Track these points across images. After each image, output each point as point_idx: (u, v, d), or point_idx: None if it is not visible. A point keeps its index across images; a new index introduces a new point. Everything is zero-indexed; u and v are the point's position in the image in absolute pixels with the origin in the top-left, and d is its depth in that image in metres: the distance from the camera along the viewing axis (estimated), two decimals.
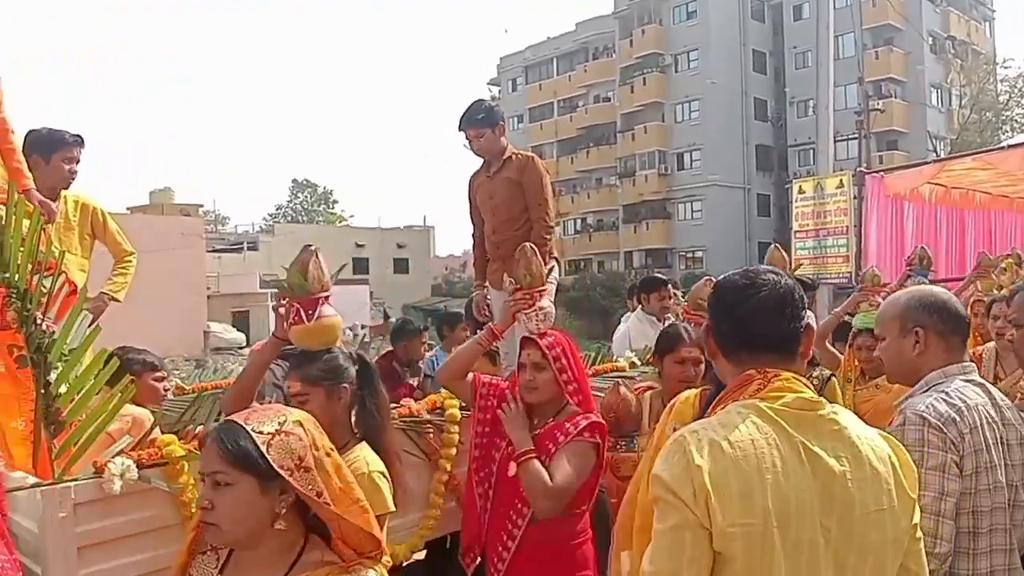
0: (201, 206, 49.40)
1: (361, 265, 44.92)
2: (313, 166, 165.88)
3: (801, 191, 10.29)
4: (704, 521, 1.49)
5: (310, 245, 2.76)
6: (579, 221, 51.07)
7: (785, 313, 1.69)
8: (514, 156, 4.46)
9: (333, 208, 68.14)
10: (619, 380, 3.64)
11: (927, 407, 2.23)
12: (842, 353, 4.60)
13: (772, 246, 4.72)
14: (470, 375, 3.17)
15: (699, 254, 44.06)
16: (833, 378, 4.08)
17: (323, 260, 2.73)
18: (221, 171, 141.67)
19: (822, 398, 1.65)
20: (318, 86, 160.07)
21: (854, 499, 1.55)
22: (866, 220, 9.27)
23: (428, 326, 7.32)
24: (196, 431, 2.70)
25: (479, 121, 4.42)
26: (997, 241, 10.88)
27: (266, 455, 1.55)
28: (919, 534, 1.68)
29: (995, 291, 5.30)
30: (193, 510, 2.44)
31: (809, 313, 4.30)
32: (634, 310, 6.14)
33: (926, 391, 2.33)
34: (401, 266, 49.19)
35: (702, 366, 3.42)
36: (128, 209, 40.39)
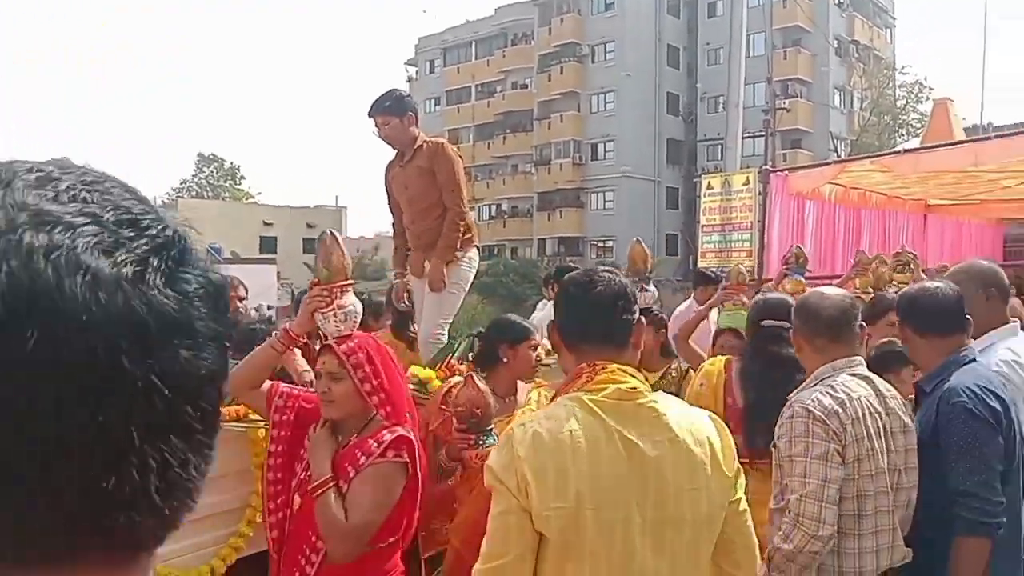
0: None
1: (269, 244, 43.93)
2: (220, 140, 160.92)
3: (709, 187, 10.54)
4: (526, 506, 1.66)
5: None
6: (494, 207, 51.11)
7: (617, 307, 1.84)
8: (425, 144, 4.40)
9: (240, 184, 66.22)
10: (472, 373, 3.16)
11: (812, 400, 2.39)
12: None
13: (634, 240, 4.68)
14: (266, 384, 2.73)
15: (610, 243, 44.72)
16: (690, 371, 4.14)
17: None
18: (123, 141, 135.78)
19: (641, 387, 1.79)
20: (227, 58, 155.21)
21: (668, 480, 1.71)
22: (769, 217, 9.56)
23: None
24: None
25: (387, 109, 4.34)
26: (891, 240, 11.40)
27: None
28: (743, 507, 1.83)
29: (869, 289, 5.55)
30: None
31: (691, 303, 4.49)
32: (550, 298, 6.18)
33: (814, 385, 2.49)
34: (311, 246, 48.12)
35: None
36: None
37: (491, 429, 2.87)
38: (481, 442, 2.83)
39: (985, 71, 34.79)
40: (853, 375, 2.51)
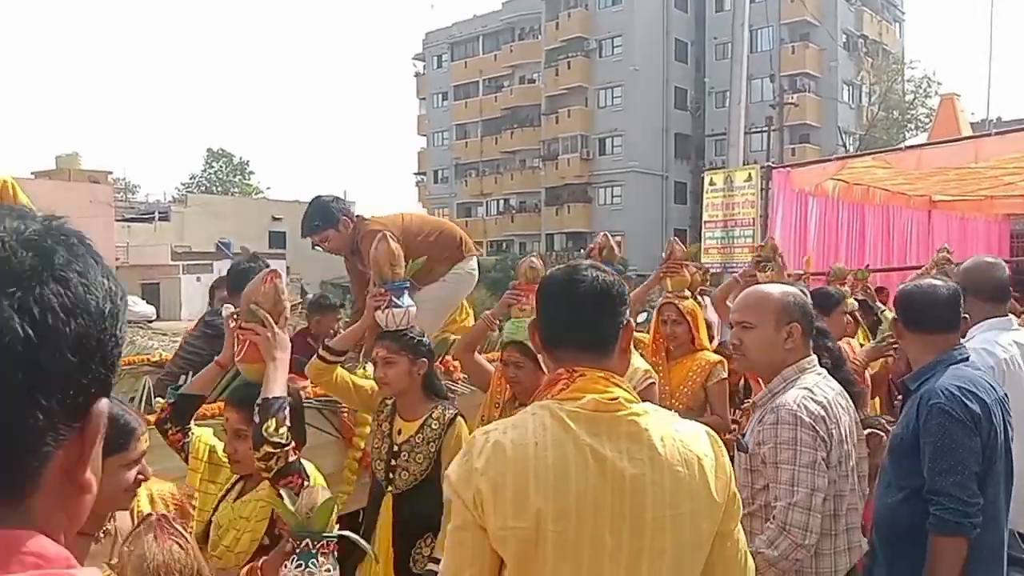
0: (110, 173, 47.58)
1: (278, 239, 44.01)
2: (229, 136, 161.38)
3: (712, 182, 10.55)
4: (482, 523, 1.50)
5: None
6: (502, 202, 51.16)
7: (602, 307, 1.65)
8: (359, 241, 4.17)
9: (249, 179, 66.45)
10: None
11: (799, 406, 2.35)
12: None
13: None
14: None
15: (618, 238, 44.21)
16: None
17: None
18: (132, 137, 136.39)
19: (624, 398, 1.59)
20: (237, 54, 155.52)
21: (647, 503, 1.51)
22: (772, 212, 9.58)
23: (345, 303, 7.25)
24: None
25: (317, 228, 4.25)
26: (895, 236, 11.41)
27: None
28: (737, 537, 1.64)
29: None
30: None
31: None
32: None
33: (784, 387, 2.47)
34: None
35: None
36: (32, 174, 38.65)
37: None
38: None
39: (992, 66, 34.60)
40: (819, 375, 2.52)
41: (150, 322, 27.43)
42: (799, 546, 2.26)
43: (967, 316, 2.84)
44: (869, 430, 3.13)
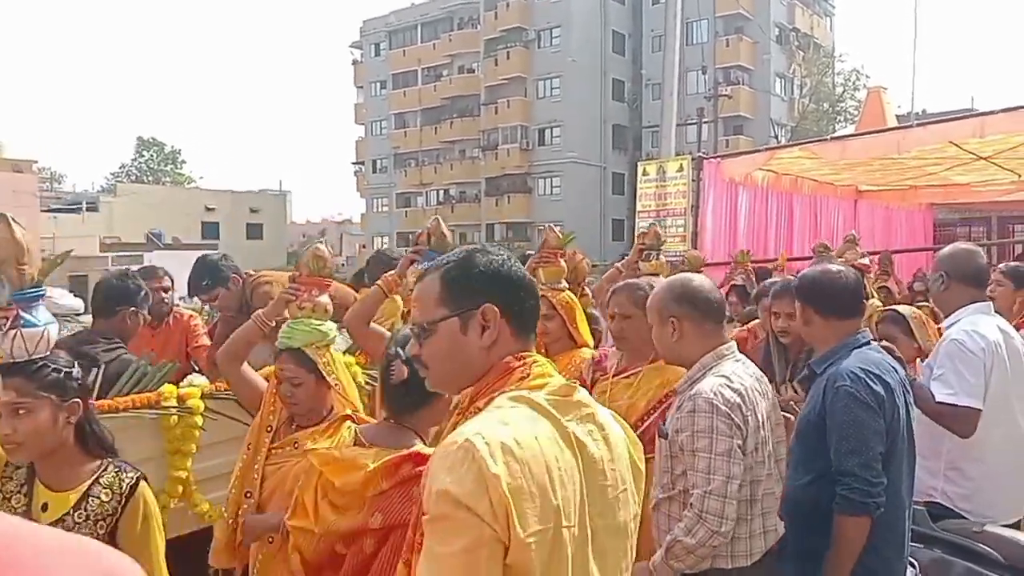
0: (35, 162, 45.59)
1: (211, 230, 43.16)
2: (160, 124, 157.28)
3: (645, 173, 10.69)
4: (503, 535, 1.32)
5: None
6: (442, 192, 50.95)
7: (536, 290, 1.63)
8: (249, 299, 4.06)
9: (181, 168, 64.87)
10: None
11: (715, 394, 2.38)
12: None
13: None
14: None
15: (557, 228, 44.89)
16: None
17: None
18: (58, 125, 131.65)
19: (572, 380, 1.58)
20: (168, 40, 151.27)
21: (608, 480, 1.50)
22: (703, 202, 9.77)
23: None
24: None
25: (207, 288, 4.16)
26: (823, 225, 11.71)
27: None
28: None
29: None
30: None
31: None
32: None
33: (702, 374, 2.50)
34: (255, 232, 47.59)
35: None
36: None
37: None
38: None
39: (917, 60, 35.71)
40: (737, 362, 2.55)
41: (78, 315, 26.58)
42: (715, 533, 2.30)
43: (948, 299, 2.94)
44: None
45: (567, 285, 4.05)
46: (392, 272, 3.42)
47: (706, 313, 2.56)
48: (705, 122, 30.92)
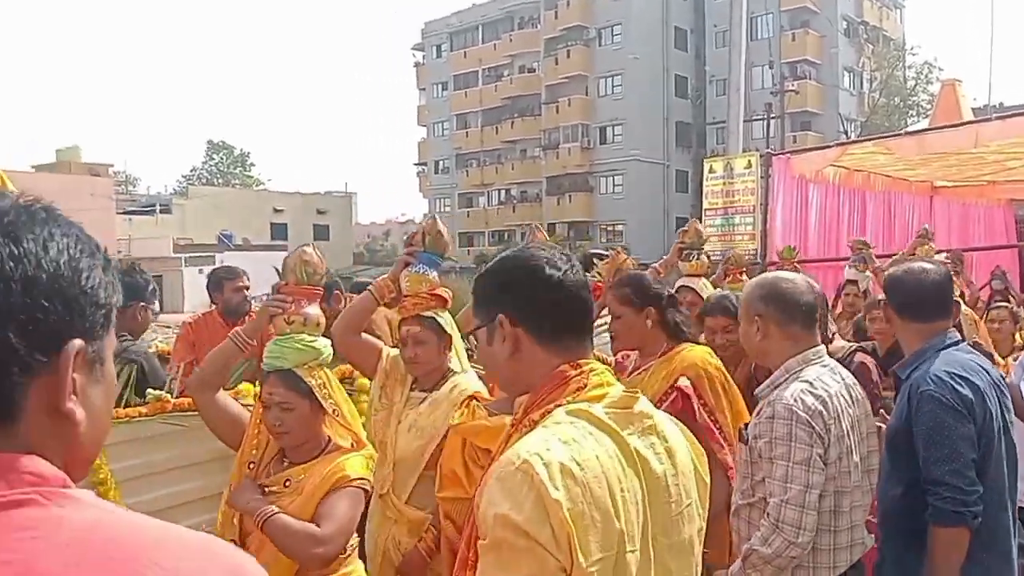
0: (111, 166, 47.52)
1: (279, 231, 44.07)
2: (230, 127, 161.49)
3: (712, 170, 10.55)
4: (565, 564, 1.25)
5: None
6: (503, 192, 51.10)
7: (589, 296, 1.56)
8: None
9: (250, 171, 66.38)
10: None
11: (795, 400, 2.30)
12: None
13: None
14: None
15: (620, 227, 44.69)
16: None
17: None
18: (132, 130, 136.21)
19: (635, 389, 1.49)
20: (236, 46, 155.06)
21: (672, 497, 1.42)
22: (772, 199, 9.58)
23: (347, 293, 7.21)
24: None
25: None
26: (896, 222, 11.38)
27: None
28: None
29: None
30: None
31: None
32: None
33: (786, 379, 2.41)
34: (321, 233, 48.38)
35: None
36: (33, 167, 38.60)
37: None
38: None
39: (994, 51, 34.56)
40: (824, 367, 2.45)
41: (155, 314, 27.42)
42: (792, 544, 2.23)
43: (959, 300, 2.80)
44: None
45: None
46: (385, 276, 3.17)
47: (792, 315, 2.45)
48: (772, 118, 30.38)
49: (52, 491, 0.71)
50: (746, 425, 2.57)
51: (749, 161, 10.17)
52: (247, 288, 4.82)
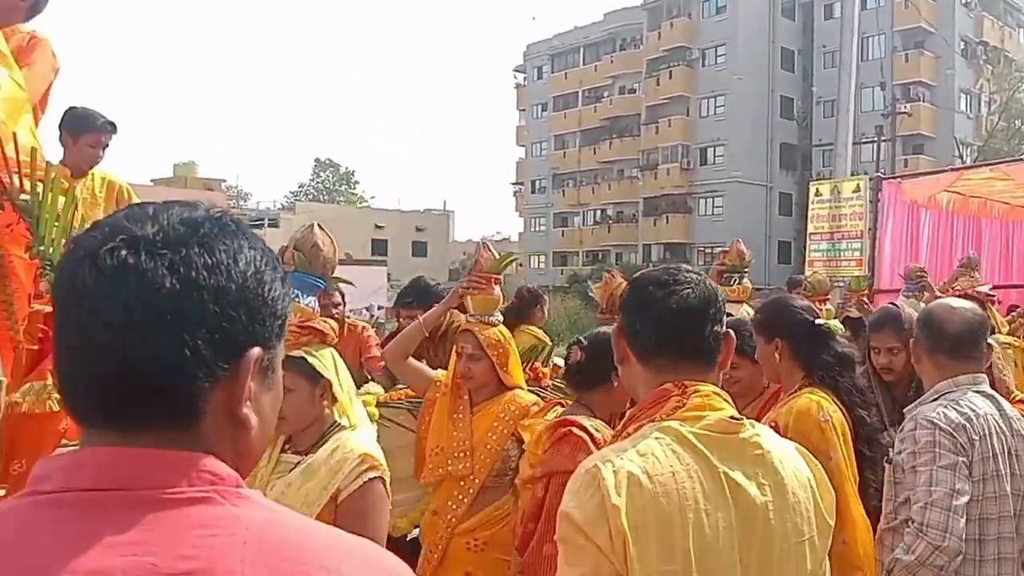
0: (224, 181, 49.93)
1: (380, 247, 45.09)
2: (336, 146, 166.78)
3: (818, 193, 10.33)
4: (620, 569, 1.29)
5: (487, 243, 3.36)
6: (599, 212, 51.02)
7: (708, 315, 1.52)
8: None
9: (354, 189, 68.25)
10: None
11: (938, 414, 2.29)
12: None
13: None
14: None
15: (718, 250, 43.78)
16: None
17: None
18: (245, 147, 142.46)
19: (744, 417, 1.49)
20: (344, 67, 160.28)
21: (775, 531, 1.40)
22: (882, 225, 9.31)
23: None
24: None
25: (409, 305, 4.30)
26: (1015, 251, 10.87)
27: None
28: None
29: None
30: None
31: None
32: None
33: (934, 399, 2.40)
34: (420, 249, 49.34)
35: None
36: (152, 181, 40.84)
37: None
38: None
39: None
40: (978, 392, 2.40)
41: None
42: (937, 548, 2.10)
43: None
44: None
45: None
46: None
47: (937, 344, 2.45)
48: (883, 140, 29.34)
49: (228, 490, 0.74)
50: (891, 445, 2.52)
51: (858, 185, 9.93)
52: (336, 305, 4.75)
